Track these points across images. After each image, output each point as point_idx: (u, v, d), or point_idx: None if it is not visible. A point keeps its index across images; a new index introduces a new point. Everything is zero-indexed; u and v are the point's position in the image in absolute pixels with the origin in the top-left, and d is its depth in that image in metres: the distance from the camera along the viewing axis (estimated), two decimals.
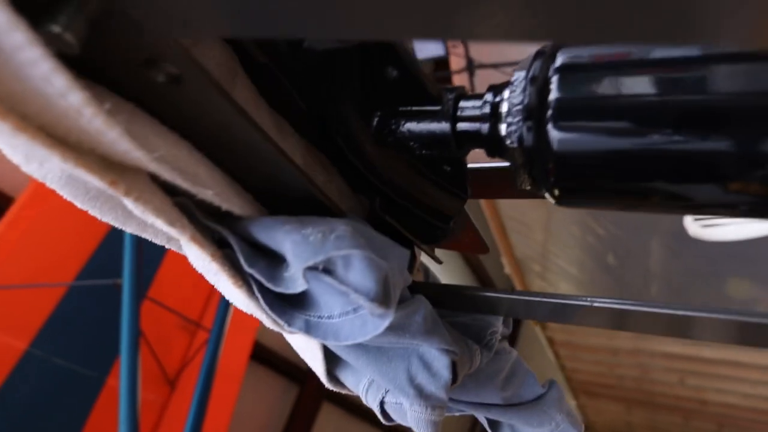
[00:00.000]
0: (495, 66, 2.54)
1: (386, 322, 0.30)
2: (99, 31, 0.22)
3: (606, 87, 0.29)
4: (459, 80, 2.66)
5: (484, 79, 2.59)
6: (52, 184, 0.30)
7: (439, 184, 0.39)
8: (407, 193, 0.38)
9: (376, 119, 0.34)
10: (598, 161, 0.30)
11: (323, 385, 0.48)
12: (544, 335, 3.34)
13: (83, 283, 1.84)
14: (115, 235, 1.81)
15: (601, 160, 0.30)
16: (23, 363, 1.69)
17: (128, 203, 0.25)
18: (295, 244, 0.29)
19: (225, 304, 1.77)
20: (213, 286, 0.35)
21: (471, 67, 2.70)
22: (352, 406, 3.70)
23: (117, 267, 1.51)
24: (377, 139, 0.34)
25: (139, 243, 1.52)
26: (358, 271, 0.28)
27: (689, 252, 2.19)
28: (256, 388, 3.04)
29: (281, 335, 0.40)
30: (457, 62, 2.78)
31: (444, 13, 0.17)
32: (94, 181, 0.23)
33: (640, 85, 0.29)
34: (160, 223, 0.27)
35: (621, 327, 0.43)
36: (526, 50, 0.32)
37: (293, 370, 3.27)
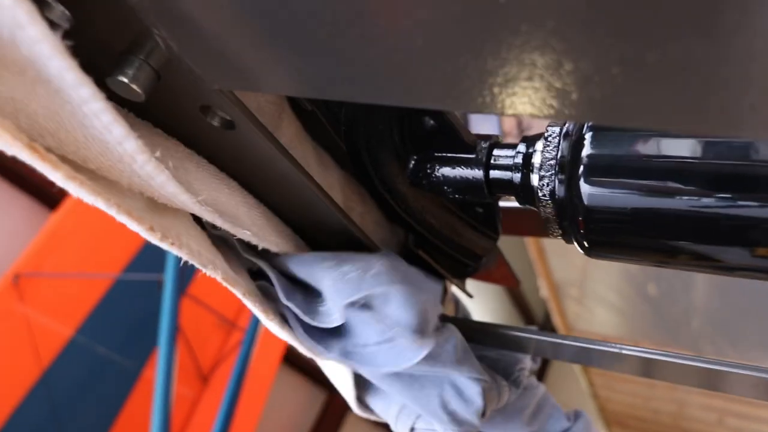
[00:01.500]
0: None
1: (424, 352, 0.32)
2: (162, 80, 0.24)
3: (638, 147, 0.30)
4: None
5: None
6: (108, 212, 0.33)
7: (472, 225, 0.40)
8: (440, 232, 0.40)
9: (412, 163, 0.36)
10: (627, 218, 0.31)
11: None
12: None
13: (128, 277, 1.92)
14: None
15: (631, 217, 0.30)
16: (68, 349, 1.78)
17: (164, 246, 0.27)
18: (334, 281, 0.30)
19: None
20: None
21: None
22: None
23: (162, 263, 1.57)
24: (412, 181, 0.36)
25: None
26: (397, 306, 0.30)
27: (735, 288, 2.11)
28: (284, 392, 3.08)
29: None
30: None
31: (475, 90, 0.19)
32: (134, 226, 0.25)
33: (673, 147, 0.29)
34: (193, 263, 0.29)
35: (649, 375, 0.43)
36: None
37: (323, 377, 3.28)
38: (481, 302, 3.67)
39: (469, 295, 0.50)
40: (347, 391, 0.44)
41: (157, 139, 0.27)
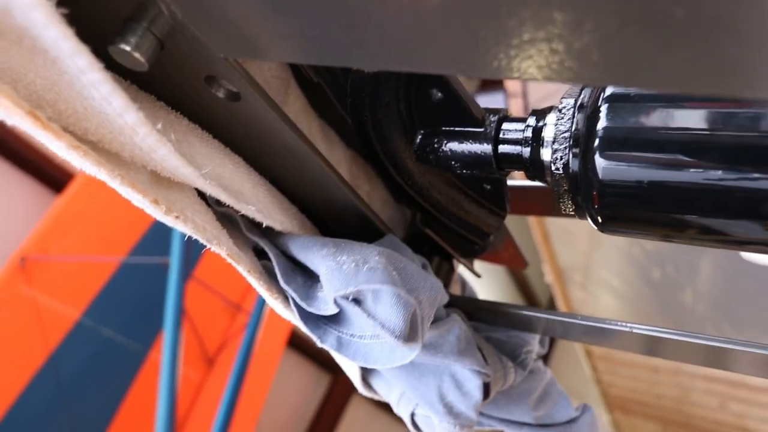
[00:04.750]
0: None
1: (413, 355, 0.31)
2: (165, 49, 0.23)
3: (655, 119, 0.29)
4: (512, 84, 2.62)
5: (537, 84, 2.53)
6: (111, 185, 0.33)
7: (479, 202, 0.39)
8: (447, 209, 0.39)
9: (418, 138, 0.35)
10: (643, 192, 0.30)
11: None
12: (583, 347, 3.26)
13: (134, 260, 1.92)
14: None
15: (647, 191, 0.30)
16: (75, 331, 1.79)
17: (169, 220, 0.27)
18: (329, 271, 0.30)
19: None
20: None
21: None
22: (382, 401, 3.73)
23: (167, 246, 1.57)
24: (419, 157, 0.35)
25: None
26: (387, 307, 0.29)
27: (741, 274, 2.10)
28: (289, 375, 3.11)
29: None
30: None
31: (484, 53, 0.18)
32: (138, 198, 0.25)
33: (690, 119, 0.28)
34: (198, 238, 0.28)
35: (657, 354, 0.43)
36: None
37: (327, 360, 3.32)
38: (485, 287, 3.68)
39: (477, 275, 0.49)
40: (353, 371, 0.44)
41: (160, 112, 0.26)
